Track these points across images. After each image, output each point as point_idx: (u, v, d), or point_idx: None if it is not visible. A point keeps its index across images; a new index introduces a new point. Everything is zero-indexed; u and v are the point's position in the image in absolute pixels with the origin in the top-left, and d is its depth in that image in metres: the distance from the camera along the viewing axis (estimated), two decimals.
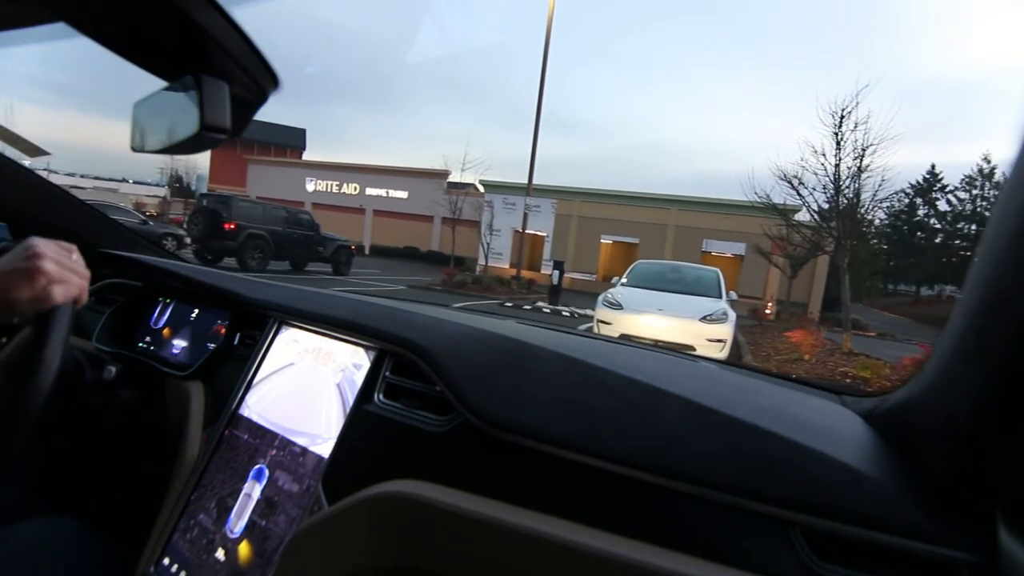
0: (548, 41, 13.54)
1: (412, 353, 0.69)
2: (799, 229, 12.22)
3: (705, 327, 5.76)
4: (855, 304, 21.78)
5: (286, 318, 0.87)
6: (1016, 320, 0.32)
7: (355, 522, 0.59)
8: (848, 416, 0.57)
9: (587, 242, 21.63)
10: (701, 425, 0.50)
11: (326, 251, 12.85)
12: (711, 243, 20.16)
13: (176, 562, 0.76)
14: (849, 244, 7.70)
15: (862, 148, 7.85)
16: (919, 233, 40.12)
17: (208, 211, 10.80)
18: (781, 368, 6.13)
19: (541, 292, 14.20)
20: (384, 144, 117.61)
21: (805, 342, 6.64)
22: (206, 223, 10.74)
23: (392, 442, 0.65)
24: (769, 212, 12.51)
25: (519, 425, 0.55)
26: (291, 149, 39.09)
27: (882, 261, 25.86)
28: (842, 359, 6.35)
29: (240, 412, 0.83)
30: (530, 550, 0.48)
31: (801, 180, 9.38)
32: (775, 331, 9.56)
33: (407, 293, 10.87)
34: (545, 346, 0.65)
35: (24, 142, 1.75)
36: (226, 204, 10.97)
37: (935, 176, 40.26)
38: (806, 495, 0.43)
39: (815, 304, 18.69)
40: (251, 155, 35.46)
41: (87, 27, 0.44)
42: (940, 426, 0.40)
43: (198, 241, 10.99)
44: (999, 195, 0.36)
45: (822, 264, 17.43)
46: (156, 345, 1.05)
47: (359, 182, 29.93)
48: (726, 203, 19.39)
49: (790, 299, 14.54)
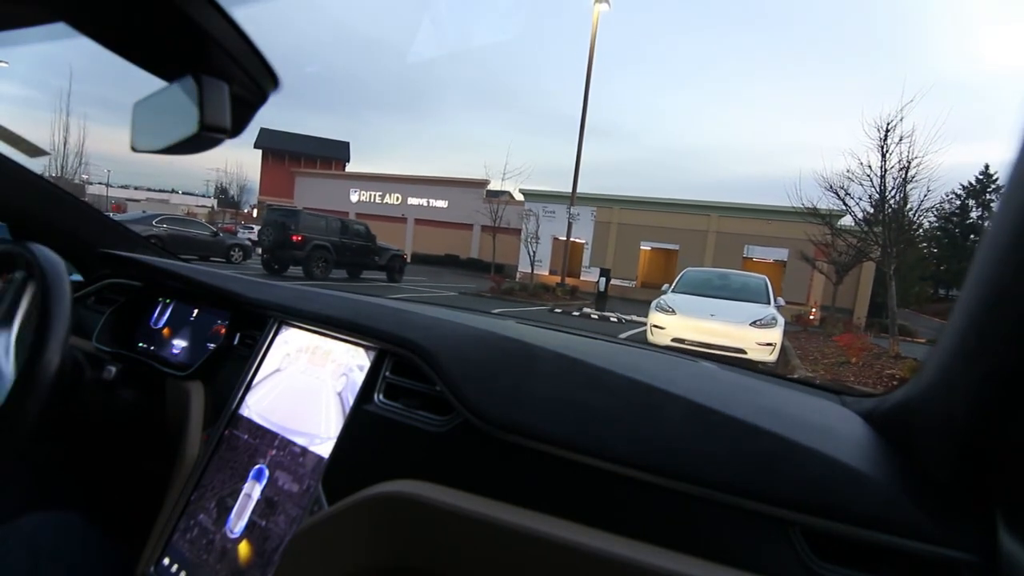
0: (592, 55, 13.94)
1: (412, 353, 0.69)
2: (843, 236, 12.30)
3: (755, 331, 6.10)
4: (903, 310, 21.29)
5: (286, 318, 0.88)
6: (1016, 320, 0.32)
7: (355, 522, 0.59)
8: (848, 416, 0.57)
9: (626, 249, 21.94)
10: (701, 425, 0.50)
11: (381, 260, 13.70)
12: (752, 249, 20.18)
13: (176, 562, 0.76)
14: (895, 251, 7.90)
15: (907, 160, 8.09)
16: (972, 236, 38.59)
17: (278, 224, 11.72)
18: (830, 371, 6.42)
19: (583, 299, 14.64)
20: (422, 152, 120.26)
21: (852, 346, 6.93)
22: (276, 235, 11.66)
23: (392, 442, 0.66)
24: (813, 218, 12.62)
25: (519, 425, 0.55)
26: (335, 161, 40.63)
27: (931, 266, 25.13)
28: (889, 362, 6.58)
29: (240, 412, 0.84)
30: (530, 550, 0.48)
31: (847, 191, 9.63)
32: (820, 336, 9.76)
33: (460, 300, 11.47)
34: (545, 346, 0.65)
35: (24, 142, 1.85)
36: (294, 217, 11.87)
37: (989, 176, 38.71)
38: (806, 495, 0.43)
39: (861, 310, 18.44)
40: (298, 168, 37.18)
41: (87, 27, 0.44)
42: (940, 426, 0.40)
43: (268, 251, 11.95)
44: (999, 195, 0.36)
45: (868, 270, 17.21)
46: (156, 345, 1.06)
47: (401, 192, 31.05)
48: (767, 208, 19.38)
49: (835, 305, 14.51)
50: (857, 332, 8.70)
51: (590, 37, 13.84)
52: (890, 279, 7.74)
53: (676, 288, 7.55)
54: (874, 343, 8.16)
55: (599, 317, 11.13)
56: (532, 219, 18.03)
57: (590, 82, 14.04)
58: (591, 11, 13.75)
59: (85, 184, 31.46)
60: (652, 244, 22.11)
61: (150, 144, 0.55)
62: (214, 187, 48.25)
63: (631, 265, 21.87)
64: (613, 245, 22.12)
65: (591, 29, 13.83)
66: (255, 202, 40.81)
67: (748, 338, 6.08)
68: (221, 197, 46.48)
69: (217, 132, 0.49)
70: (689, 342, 6.18)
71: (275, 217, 12.14)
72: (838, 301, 14.80)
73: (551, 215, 20.32)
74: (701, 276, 7.93)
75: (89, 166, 29.12)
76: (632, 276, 21.66)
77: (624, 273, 21.26)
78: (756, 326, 6.15)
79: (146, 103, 0.55)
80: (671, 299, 6.91)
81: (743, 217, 20.28)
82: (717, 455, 0.47)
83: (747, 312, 6.38)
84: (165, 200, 71.52)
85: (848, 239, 11.99)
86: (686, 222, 21.03)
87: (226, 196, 46.18)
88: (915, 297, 23.89)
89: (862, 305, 18.70)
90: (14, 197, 1.08)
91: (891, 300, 7.83)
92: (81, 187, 29.37)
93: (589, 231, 22.34)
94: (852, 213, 9.83)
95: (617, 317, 11.05)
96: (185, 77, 0.48)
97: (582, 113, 14.07)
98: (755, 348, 6.02)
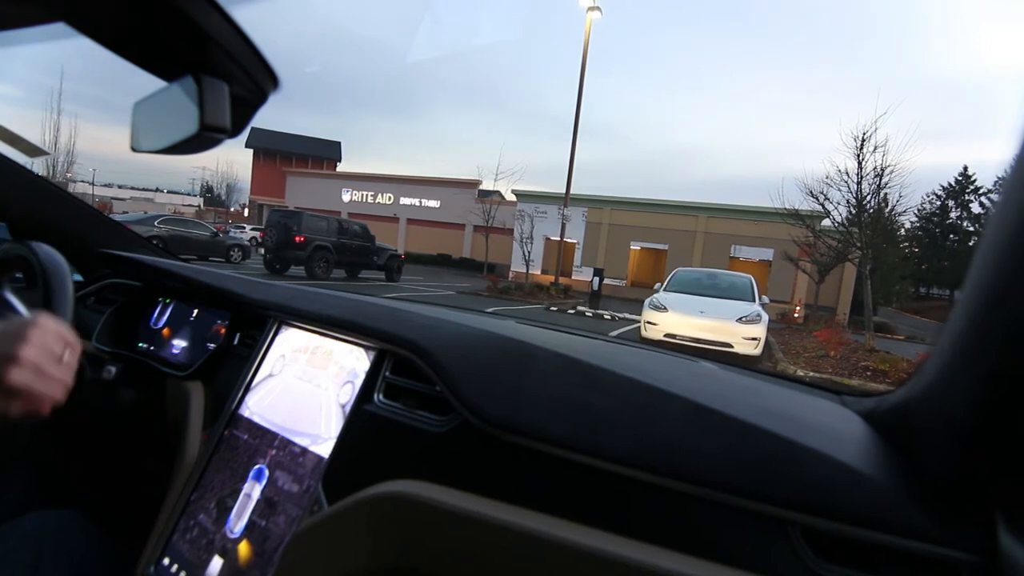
0: (584, 62, 14.36)
1: (412, 353, 0.69)
2: (824, 238, 12.94)
3: (741, 327, 6.63)
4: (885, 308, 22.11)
5: (286, 318, 0.88)
6: (1015, 320, 0.32)
7: (355, 522, 0.59)
8: (848, 416, 0.56)
9: (617, 249, 22.42)
10: (701, 425, 0.50)
11: (380, 259, 14.06)
12: (739, 249, 20.77)
13: (176, 562, 0.76)
14: (871, 253, 8.51)
15: (881, 168, 8.77)
16: (952, 236, 39.69)
17: (281, 225, 12.04)
18: (810, 363, 6.93)
19: (576, 297, 15.09)
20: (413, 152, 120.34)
21: (831, 340, 7.52)
22: (279, 236, 11.98)
23: (392, 442, 0.66)
24: (795, 220, 13.23)
25: (519, 425, 0.55)
26: (327, 161, 40.60)
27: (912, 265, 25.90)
28: (864, 355, 7.15)
29: (240, 412, 0.84)
30: (530, 550, 0.48)
31: (827, 196, 10.27)
32: (803, 333, 10.33)
33: (458, 299, 11.86)
34: (545, 346, 0.65)
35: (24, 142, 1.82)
36: (296, 219, 12.18)
37: (968, 178, 39.81)
38: (806, 495, 0.43)
39: (843, 308, 19.09)
40: (289, 167, 37.12)
41: (87, 27, 0.44)
42: (940, 426, 0.40)
43: (271, 251, 12.27)
44: (999, 195, 0.36)
45: (850, 269, 17.82)
46: (156, 345, 1.05)
47: (393, 192, 31.17)
48: (753, 210, 19.93)
49: (818, 303, 15.11)
50: (836, 328, 9.27)
51: (583, 45, 14.28)
52: (866, 279, 8.33)
53: (668, 287, 8.07)
54: (852, 339, 8.77)
55: (593, 315, 11.60)
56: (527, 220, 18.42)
57: (583, 89, 14.47)
58: (584, 19, 14.21)
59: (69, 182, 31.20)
60: (642, 244, 22.63)
61: (150, 144, 0.56)
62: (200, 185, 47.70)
63: (621, 265, 22.34)
64: (604, 245, 22.59)
65: (584, 37, 14.27)
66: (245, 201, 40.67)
67: (735, 333, 6.59)
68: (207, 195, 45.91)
69: (217, 132, 0.49)
70: (680, 337, 6.70)
71: (278, 218, 12.44)
72: (821, 299, 15.42)
73: (543, 215, 20.69)
74: (691, 276, 8.48)
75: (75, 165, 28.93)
76: (623, 275, 22.13)
77: (615, 272, 21.71)
78: (742, 322, 6.67)
79: (146, 103, 0.55)
80: (663, 297, 7.41)
81: (730, 218, 20.86)
82: (717, 455, 0.47)
83: (734, 309, 6.90)
84: (150, 199, 69.97)
85: (828, 241, 12.64)
86: (675, 223, 21.56)
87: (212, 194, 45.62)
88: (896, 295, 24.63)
89: (845, 303, 19.36)
90: (14, 197, 1.09)
91: (867, 298, 8.43)
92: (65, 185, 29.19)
93: (580, 231, 22.77)
94: (831, 217, 10.49)
95: (611, 315, 11.52)
96: (185, 77, 0.49)
97: (575, 119, 14.50)
98: (741, 342, 6.55)
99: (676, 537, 0.46)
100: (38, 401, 0.57)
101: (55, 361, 0.58)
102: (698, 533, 0.46)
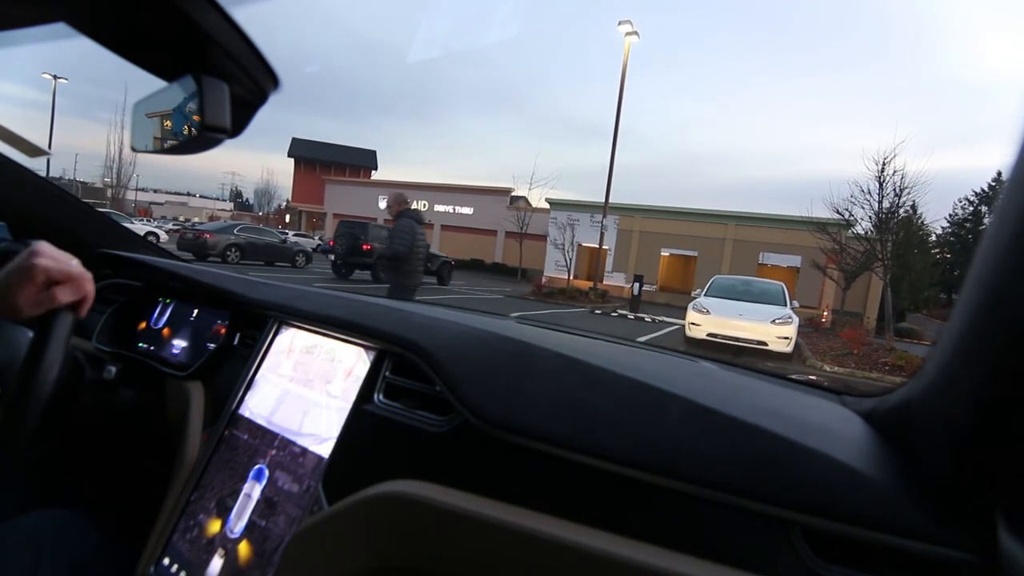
0: (623, 85, 15.39)
1: (412, 353, 0.69)
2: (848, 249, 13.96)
3: (775, 328, 7.78)
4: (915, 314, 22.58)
5: (286, 318, 0.88)
6: (1016, 320, 0.32)
7: (355, 522, 0.59)
8: (848, 416, 0.56)
9: (647, 255, 23.28)
10: (701, 425, 0.50)
11: (433, 265, 15.35)
12: (767, 256, 21.47)
13: (176, 562, 0.76)
14: (892, 263, 9.64)
15: (899, 188, 9.96)
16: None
17: (351, 235, 13.52)
18: (836, 360, 8.02)
19: (612, 302, 16.12)
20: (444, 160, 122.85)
21: (854, 340, 8.72)
22: (349, 244, 13.43)
23: (392, 442, 0.66)
24: (822, 229, 14.10)
25: (519, 425, 0.55)
26: (363, 169, 42.50)
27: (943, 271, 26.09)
28: (884, 353, 8.25)
29: (240, 412, 0.84)
30: (530, 550, 0.48)
31: (851, 212, 11.50)
32: (830, 335, 11.37)
33: (506, 303, 12.99)
34: (545, 346, 0.65)
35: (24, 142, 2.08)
36: (363, 229, 13.66)
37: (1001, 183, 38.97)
38: (806, 495, 0.42)
39: (871, 313, 19.67)
40: (328, 175, 38.79)
41: (87, 27, 0.44)
42: (940, 426, 0.40)
43: (340, 257, 13.70)
44: (999, 195, 0.36)
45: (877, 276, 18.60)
46: (156, 345, 1.05)
47: (428, 199, 32.21)
48: (781, 218, 20.61)
49: (844, 309, 15.86)
50: (860, 330, 10.40)
51: (621, 67, 15.35)
52: (886, 286, 9.40)
53: (708, 292, 9.26)
54: (874, 340, 9.86)
55: (634, 318, 12.71)
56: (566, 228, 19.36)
57: (620, 111, 15.52)
58: (622, 43, 15.28)
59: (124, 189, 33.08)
60: (672, 251, 23.48)
61: (151, 144, 0.56)
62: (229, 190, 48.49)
63: (652, 270, 23.06)
64: (635, 251, 23.49)
65: (622, 59, 15.33)
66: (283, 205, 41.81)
67: (769, 333, 7.75)
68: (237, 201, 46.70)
69: (217, 132, 0.49)
70: (721, 336, 7.92)
71: (347, 229, 13.86)
72: (848, 305, 16.19)
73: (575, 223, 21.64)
74: (728, 282, 9.69)
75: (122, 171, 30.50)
76: (653, 280, 22.96)
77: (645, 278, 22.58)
78: (775, 323, 7.82)
79: (146, 103, 0.55)
80: (705, 301, 8.61)
81: (759, 226, 21.56)
82: (717, 455, 0.47)
83: (768, 312, 8.07)
84: (184, 203, 71.94)
85: (852, 251, 13.67)
86: (704, 230, 22.34)
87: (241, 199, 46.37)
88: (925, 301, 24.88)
89: (872, 308, 19.90)
90: (14, 197, 1.08)
91: (887, 304, 9.54)
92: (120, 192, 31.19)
93: (612, 238, 23.56)
94: (854, 231, 11.60)
95: (651, 318, 12.65)
96: (185, 77, 0.49)
97: (613, 137, 15.57)
98: (775, 341, 7.71)
99: (676, 537, 0.46)
100: (74, 289, 0.63)
101: (67, 259, 0.64)
102: (698, 533, 0.46)
